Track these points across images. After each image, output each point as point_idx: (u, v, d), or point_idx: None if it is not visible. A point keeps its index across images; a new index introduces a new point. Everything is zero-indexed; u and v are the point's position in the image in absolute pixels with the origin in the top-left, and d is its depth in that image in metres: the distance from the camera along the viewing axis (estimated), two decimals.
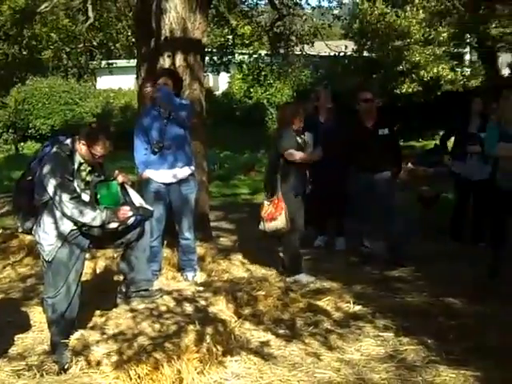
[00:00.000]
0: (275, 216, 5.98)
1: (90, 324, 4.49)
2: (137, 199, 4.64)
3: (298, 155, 5.99)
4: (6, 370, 4.20)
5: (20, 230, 4.58)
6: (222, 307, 4.70)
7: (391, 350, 4.27)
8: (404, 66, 18.66)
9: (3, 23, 13.36)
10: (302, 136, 6.17)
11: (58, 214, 4.25)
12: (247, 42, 17.29)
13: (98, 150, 4.29)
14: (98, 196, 4.42)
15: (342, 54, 18.25)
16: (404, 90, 18.86)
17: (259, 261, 6.70)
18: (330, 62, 20.35)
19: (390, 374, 3.89)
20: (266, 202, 6.08)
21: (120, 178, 4.56)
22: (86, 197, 4.36)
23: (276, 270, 6.42)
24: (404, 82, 18.88)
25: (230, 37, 16.86)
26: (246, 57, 18.28)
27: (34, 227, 4.39)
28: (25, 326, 5.15)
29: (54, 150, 4.34)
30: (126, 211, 4.38)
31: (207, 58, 14.86)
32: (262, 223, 6.07)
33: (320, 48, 16.69)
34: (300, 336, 4.50)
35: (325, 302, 5.15)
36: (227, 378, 3.85)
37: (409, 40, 18.46)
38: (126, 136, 19.43)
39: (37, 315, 5.40)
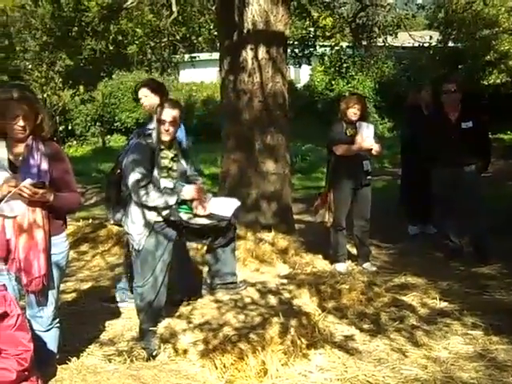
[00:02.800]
0: (318, 209, 6.32)
1: (177, 313, 4.57)
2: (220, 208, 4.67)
3: (341, 149, 6.04)
4: (97, 355, 4.36)
5: (111, 221, 4.73)
6: (305, 300, 4.71)
7: (480, 349, 4.14)
8: (492, 55, 18.06)
9: (91, 19, 13.77)
10: (353, 127, 6.19)
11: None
12: (329, 33, 17.13)
13: (163, 115, 4.35)
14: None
15: (426, 44, 17.83)
16: (492, 81, 18.27)
17: None
18: (413, 53, 19.94)
19: (480, 374, 3.78)
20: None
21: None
22: (169, 184, 4.45)
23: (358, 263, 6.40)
24: (492, 73, 18.29)
25: (312, 29, 16.76)
26: (328, 49, 18.11)
27: (123, 218, 4.53)
28: (114, 313, 5.33)
29: (135, 141, 4.47)
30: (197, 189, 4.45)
31: (288, 51, 14.85)
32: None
33: (403, 39, 16.36)
34: (385, 331, 4.44)
35: (410, 298, 5.06)
36: (311, 371, 3.84)
37: (497, 29, 17.85)
38: (207, 129, 19.73)
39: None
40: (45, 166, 3.55)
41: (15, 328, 2.91)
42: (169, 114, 4.34)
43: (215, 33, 16.16)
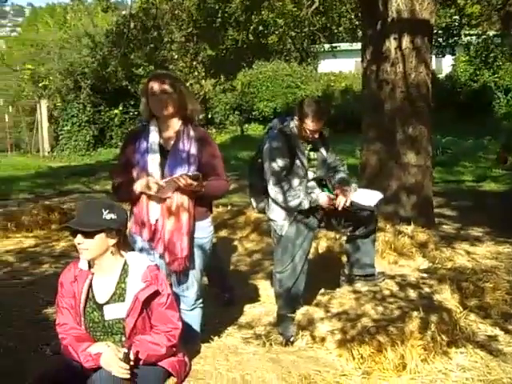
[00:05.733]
0: None
1: (315, 301, 4.61)
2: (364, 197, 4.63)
3: None
4: (236, 337, 4.50)
5: (256, 210, 4.82)
6: (446, 296, 4.57)
7: None
8: None
9: (234, 10, 14.09)
10: None
11: None
12: (475, 22, 16.47)
13: (309, 124, 4.35)
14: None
15: None
16: None
17: (483, 251, 6.42)
18: None
19: None
20: None
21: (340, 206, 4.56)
22: (311, 174, 4.48)
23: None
24: None
25: (457, 17, 16.18)
26: (474, 38, 17.40)
27: (266, 206, 4.60)
28: (253, 297, 5.47)
29: (275, 131, 4.52)
30: (328, 200, 4.42)
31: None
32: None
33: None
34: None
35: None
36: (452, 370, 3.73)
37: None
38: (345, 119, 19.62)
39: (263, 288, 5.72)
40: (194, 150, 3.68)
41: (166, 306, 3.05)
42: (316, 121, 4.37)
43: (356, 22, 15.99)
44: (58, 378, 2.93)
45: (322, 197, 4.42)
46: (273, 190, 4.39)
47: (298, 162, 4.41)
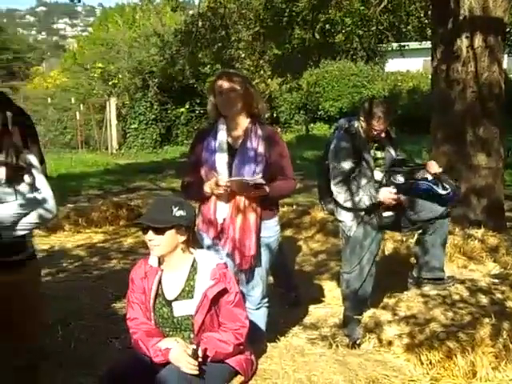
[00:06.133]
0: None
1: (382, 304, 4.56)
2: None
3: None
4: (301, 337, 4.49)
5: (326, 211, 4.79)
6: None
7: None
8: None
9: (301, 9, 14.05)
10: None
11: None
12: None
13: (375, 124, 4.30)
14: None
15: None
16: None
17: None
18: None
19: None
20: None
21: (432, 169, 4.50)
22: (378, 175, 4.42)
23: None
24: None
25: None
26: None
27: (335, 208, 4.57)
28: (317, 298, 5.44)
29: (341, 131, 4.48)
30: (388, 194, 4.34)
31: None
32: None
33: None
34: None
35: None
36: None
37: None
38: (412, 120, 19.23)
39: (328, 289, 5.68)
40: (261, 149, 3.68)
41: (233, 304, 3.07)
42: (383, 121, 4.31)
43: (425, 21, 15.69)
44: (128, 370, 2.99)
45: (383, 192, 4.36)
46: (334, 190, 4.37)
47: (363, 162, 4.36)
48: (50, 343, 4.35)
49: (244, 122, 3.74)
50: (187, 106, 22.20)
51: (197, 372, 2.87)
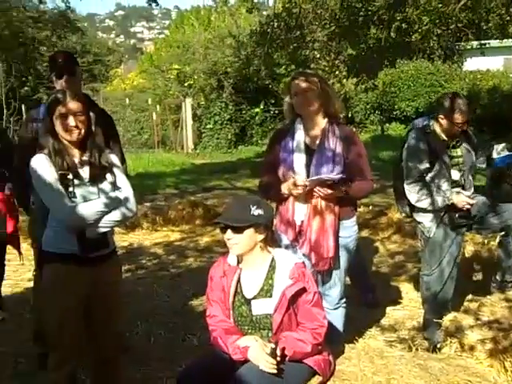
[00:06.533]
0: None
1: (463, 308, 4.44)
2: None
3: None
4: (379, 340, 4.43)
5: (403, 214, 4.71)
6: None
7: None
8: None
9: (377, 8, 13.87)
10: None
11: None
12: None
13: (457, 117, 4.19)
14: None
15: None
16: None
17: None
18: None
19: None
20: None
21: None
22: (455, 174, 4.31)
23: None
24: None
25: None
26: None
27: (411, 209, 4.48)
28: (395, 300, 5.35)
29: (416, 131, 4.37)
30: (463, 198, 4.21)
31: None
32: None
33: None
34: None
35: None
36: None
37: None
38: (492, 119, 18.65)
39: (405, 291, 5.58)
40: (339, 149, 3.66)
41: (312, 304, 3.05)
42: (465, 113, 4.20)
43: (507, 18, 15.22)
44: (207, 367, 3.02)
45: (457, 195, 4.24)
46: (407, 189, 4.29)
47: (440, 162, 4.26)
48: (129, 338, 4.45)
49: (321, 121, 3.73)
50: (262, 107, 22.29)
51: (275, 371, 2.86)
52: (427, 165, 4.24)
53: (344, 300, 3.92)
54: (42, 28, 24.69)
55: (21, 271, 6.37)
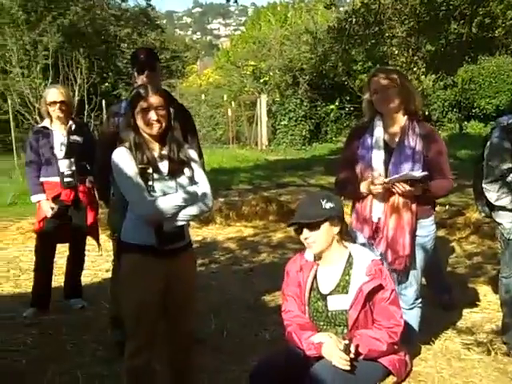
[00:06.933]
0: None
1: None
2: None
3: None
4: (456, 342, 4.30)
5: (483, 214, 4.56)
6: None
7: None
8: None
9: (460, 3, 13.54)
10: None
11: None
12: None
13: None
14: None
15: None
16: None
17: None
18: None
19: None
20: None
21: None
22: None
23: None
24: None
25: None
26: None
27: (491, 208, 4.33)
28: (472, 302, 5.21)
29: (500, 129, 4.20)
30: None
31: None
32: None
33: None
34: None
35: None
36: None
37: None
38: None
39: (483, 293, 5.43)
40: (419, 147, 3.60)
41: (389, 301, 3.01)
42: None
43: None
44: (280, 363, 3.02)
45: None
46: (485, 188, 4.14)
47: None
48: (203, 330, 4.49)
49: (401, 119, 3.68)
50: (337, 103, 22.16)
51: (349, 368, 2.84)
52: (510, 164, 4.10)
53: (420, 300, 3.85)
54: (124, 25, 25.32)
55: (99, 261, 6.57)
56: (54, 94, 5.10)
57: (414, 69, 15.02)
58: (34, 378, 3.99)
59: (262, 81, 23.56)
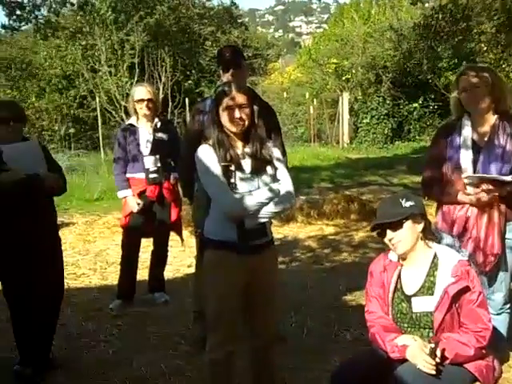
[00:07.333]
0: None
1: None
2: None
3: None
4: None
5: None
6: None
7: None
8: None
9: None
10: None
11: None
12: None
13: None
14: None
15: None
16: None
17: None
18: None
19: None
20: None
21: None
22: None
23: None
24: None
25: None
26: None
27: None
28: None
29: None
30: None
31: None
32: None
33: None
34: None
35: None
36: None
37: None
38: None
39: None
40: (509, 147, 3.49)
41: (476, 304, 2.91)
42: None
43: None
44: (362, 367, 2.98)
45: None
46: None
47: None
48: (283, 329, 4.49)
49: (491, 118, 3.58)
50: (420, 102, 21.70)
51: (434, 372, 2.76)
52: None
53: (508, 306, 3.73)
54: (207, 24, 25.64)
55: (181, 257, 6.69)
56: (141, 91, 5.21)
57: (504, 66, 14.54)
58: (120, 368, 4.10)
59: (344, 78, 23.35)
